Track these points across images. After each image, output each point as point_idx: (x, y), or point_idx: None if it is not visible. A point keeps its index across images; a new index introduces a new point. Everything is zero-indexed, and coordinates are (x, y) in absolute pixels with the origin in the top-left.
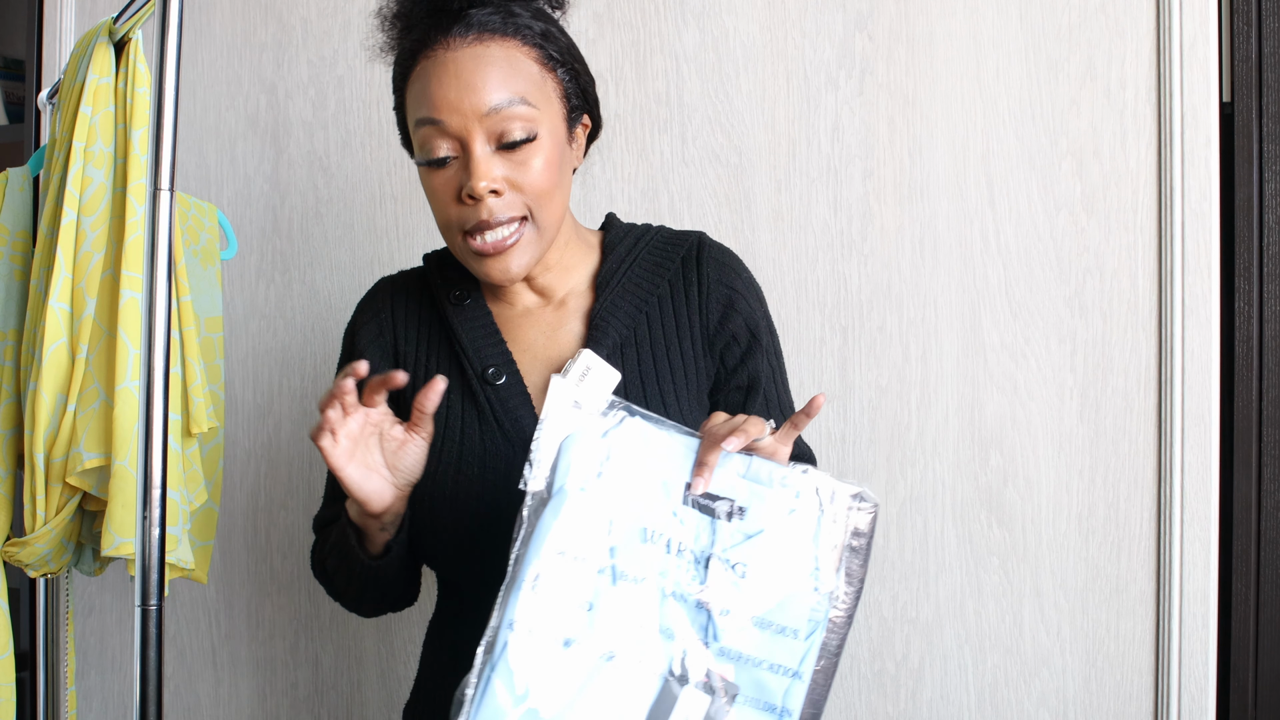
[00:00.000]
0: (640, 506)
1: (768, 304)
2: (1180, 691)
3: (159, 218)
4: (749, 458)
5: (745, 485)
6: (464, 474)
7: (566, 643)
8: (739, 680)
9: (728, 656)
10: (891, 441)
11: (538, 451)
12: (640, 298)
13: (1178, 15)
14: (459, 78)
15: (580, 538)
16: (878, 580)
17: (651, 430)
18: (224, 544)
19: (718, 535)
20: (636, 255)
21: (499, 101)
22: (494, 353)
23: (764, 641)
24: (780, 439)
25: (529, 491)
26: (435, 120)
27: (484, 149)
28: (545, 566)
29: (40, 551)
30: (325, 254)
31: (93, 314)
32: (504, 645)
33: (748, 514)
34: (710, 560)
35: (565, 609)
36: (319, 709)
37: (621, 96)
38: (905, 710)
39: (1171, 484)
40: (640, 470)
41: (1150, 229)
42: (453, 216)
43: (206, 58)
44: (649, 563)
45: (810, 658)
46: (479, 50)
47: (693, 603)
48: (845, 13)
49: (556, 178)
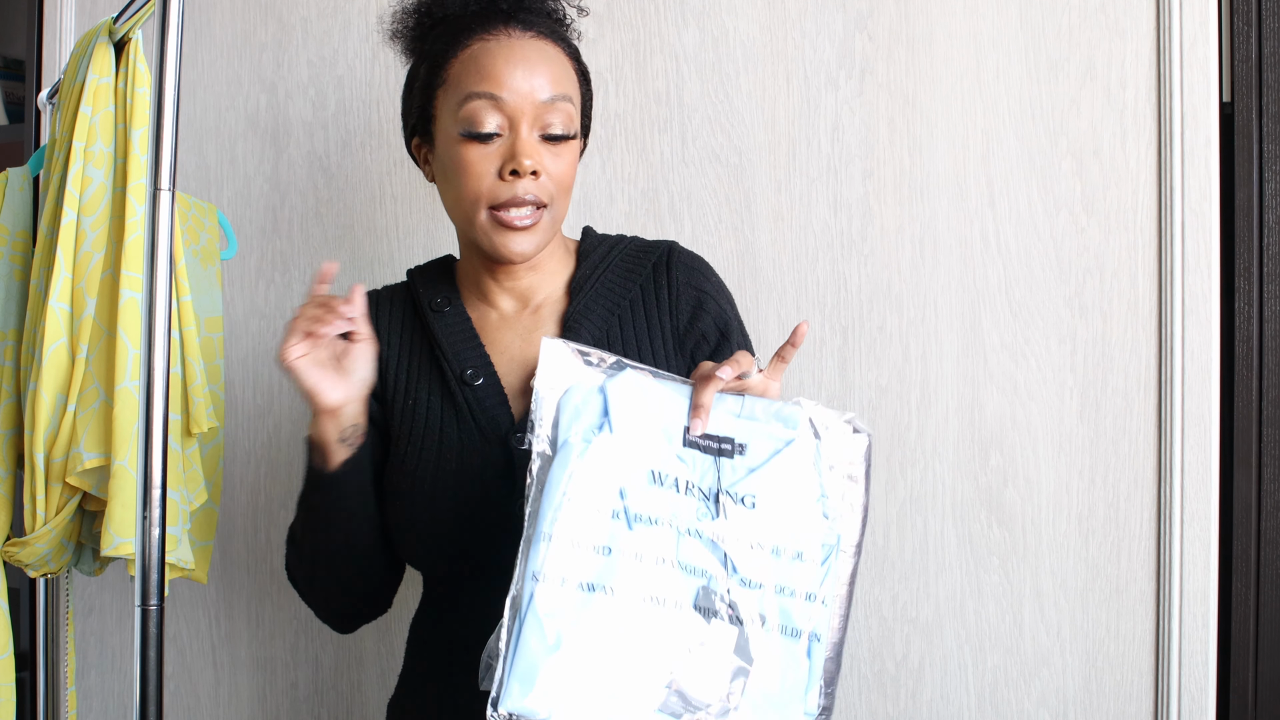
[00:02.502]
0: (645, 451)
1: (737, 305)
2: (1180, 691)
3: (159, 218)
4: (742, 398)
5: (742, 424)
6: (443, 471)
7: (590, 588)
8: (763, 609)
9: (749, 585)
10: (891, 441)
11: (538, 410)
12: (613, 301)
13: (1178, 15)
14: (526, 62)
15: (590, 486)
16: (878, 580)
17: (647, 380)
18: (224, 544)
19: (722, 472)
20: (610, 262)
21: (555, 94)
22: (472, 355)
23: (782, 568)
24: (770, 374)
25: (534, 452)
26: (494, 95)
27: (530, 133)
28: (561, 515)
29: (40, 551)
30: (325, 254)
31: (93, 314)
32: (530, 596)
33: (749, 449)
34: (719, 495)
35: (585, 555)
36: (319, 709)
37: (621, 96)
38: (905, 710)
39: (1171, 484)
40: (641, 417)
41: (1150, 229)
42: (484, 190)
43: (206, 58)
44: (661, 503)
45: (830, 582)
46: (540, 45)
47: (708, 538)
48: (845, 13)
49: (573, 179)
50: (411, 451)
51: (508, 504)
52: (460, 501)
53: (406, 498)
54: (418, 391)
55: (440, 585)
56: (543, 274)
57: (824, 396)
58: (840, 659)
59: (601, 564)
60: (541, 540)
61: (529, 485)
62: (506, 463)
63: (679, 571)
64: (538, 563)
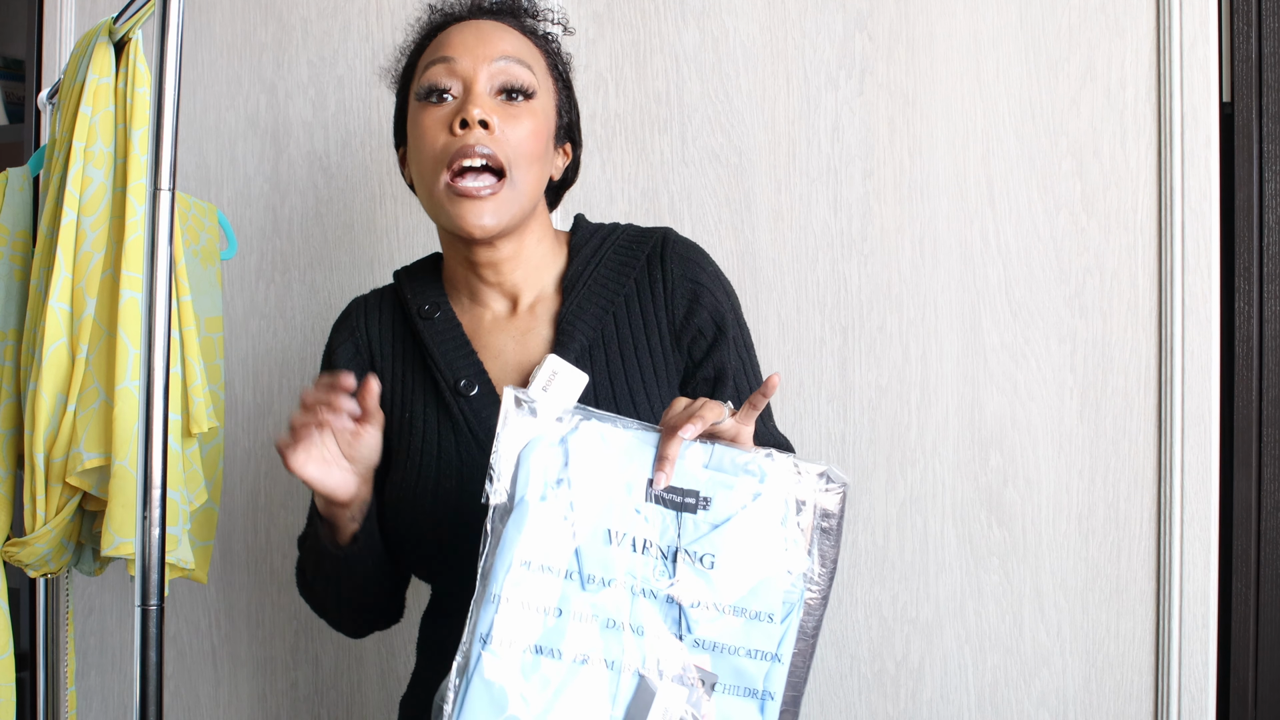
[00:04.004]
0: (603, 509)
1: (736, 295)
2: (1180, 691)
3: (159, 218)
4: (711, 446)
5: (708, 475)
6: (443, 487)
7: (539, 650)
8: (716, 669)
9: (703, 647)
10: (891, 441)
11: (497, 463)
12: (607, 299)
13: (1178, 15)
14: (479, 31)
15: (544, 546)
16: (878, 580)
17: (610, 430)
18: (224, 544)
19: (683, 528)
20: (602, 256)
21: (509, 52)
22: (465, 364)
23: (739, 628)
24: (741, 419)
25: (491, 504)
26: (447, 58)
27: (485, 88)
28: (512, 578)
29: (40, 551)
30: (325, 254)
31: (93, 314)
32: (478, 659)
33: (713, 504)
34: (677, 554)
35: (535, 617)
36: (319, 709)
37: (621, 96)
38: (905, 710)
39: (1171, 484)
40: (601, 473)
41: (1150, 229)
42: (439, 148)
43: (206, 58)
44: (616, 564)
45: (789, 640)
46: (502, 26)
47: (663, 598)
48: (845, 13)
49: (539, 151)
50: (410, 468)
51: None
52: (462, 521)
53: (408, 515)
54: (413, 404)
55: (445, 592)
56: (530, 269)
57: (824, 396)
58: (798, 710)
59: (552, 625)
60: (490, 602)
61: (484, 539)
62: None
63: (630, 634)
64: (485, 625)
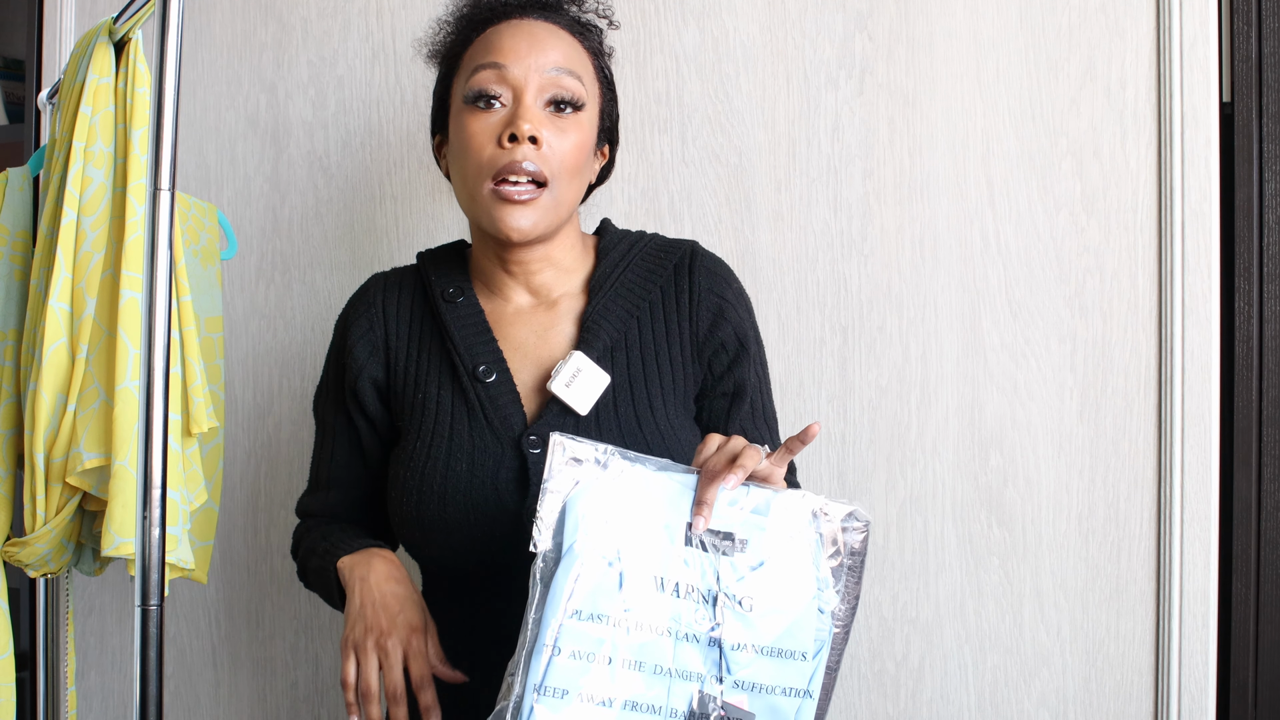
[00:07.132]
0: (648, 555)
1: (755, 313)
2: (1180, 691)
3: (159, 218)
4: (746, 488)
5: (743, 516)
6: (453, 470)
7: (591, 699)
8: (754, 708)
9: (742, 688)
10: (891, 441)
11: (543, 512)
12: (632, 302)
13: (1178, 15)
14: (532, 36)
15: (593, 595)
16: (878, 580)
17: (650, 475)
18: (224, 544)
19: (722, 573)
20: (630, 261)
21: (560, 63)
22: (485, 350)
23: (775, 668)
24: (775, 461)
25: (538, 553)
26: (499, 64)
27: (535, 100)
28: (564, 627)
29: (40, 551)
30: (325, 254)
31: (93, 314)
32: (530, 710)
33: (749, 546)
34: (718, 599)
35: (586, 666)
36: (319, 709)
37: (621, 96)
38: (905, 710)
39: (1171, 484)
40: (643, 518)
41: (1150, 229)
42: (486, 159)
43: (206, 58)
44: (662, 610)
45: (819, 676)
46: (553, 29)
47: (705, 641)
48: (845, 13)
49: (581, 163)
50: (421, 448)
51: (519, 506)
52: (471, 505)
53: (414, 496)
54: (427, 385)
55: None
56: (559, 270)
57: (824, 396)
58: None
59: (603, 674)
60: (543, 651)
61: (532, 587)
62: (520, 466)
63: (675, 679)
64: (538, 675)
